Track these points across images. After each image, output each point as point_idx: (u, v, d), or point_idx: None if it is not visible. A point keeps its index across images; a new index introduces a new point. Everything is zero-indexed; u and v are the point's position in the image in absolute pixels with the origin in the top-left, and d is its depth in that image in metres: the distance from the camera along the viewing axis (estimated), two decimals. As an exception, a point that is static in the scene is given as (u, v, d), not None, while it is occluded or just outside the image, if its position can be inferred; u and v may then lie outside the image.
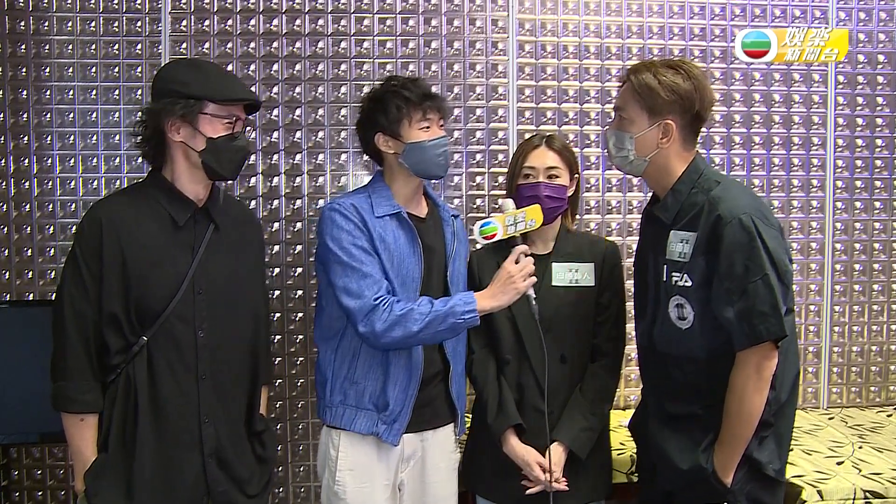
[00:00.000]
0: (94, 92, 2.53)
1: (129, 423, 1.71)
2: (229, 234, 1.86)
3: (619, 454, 2.21)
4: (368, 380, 1.92)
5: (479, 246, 2.05)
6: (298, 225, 2.59)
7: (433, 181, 2.20)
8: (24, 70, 2.52)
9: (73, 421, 1.72)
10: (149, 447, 1.71)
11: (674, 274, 1.75)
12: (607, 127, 1.87)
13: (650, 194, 1.94)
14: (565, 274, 2.06)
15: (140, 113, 1.80)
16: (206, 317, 1.77)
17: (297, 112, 2.58)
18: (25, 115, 2.52)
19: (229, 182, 2.52)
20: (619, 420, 2.40)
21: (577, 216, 2.22)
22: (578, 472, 1.99)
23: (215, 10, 2.55)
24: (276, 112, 2.57)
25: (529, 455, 1.97)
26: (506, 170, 2.60)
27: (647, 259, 1.87)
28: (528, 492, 1.97)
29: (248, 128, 1.83)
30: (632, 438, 2.06)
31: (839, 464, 2.18)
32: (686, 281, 1.73)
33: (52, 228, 2.53)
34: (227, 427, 1.81)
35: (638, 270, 1.96)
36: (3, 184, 2.52)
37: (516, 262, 1.86)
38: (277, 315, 2.57)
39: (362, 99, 2.04)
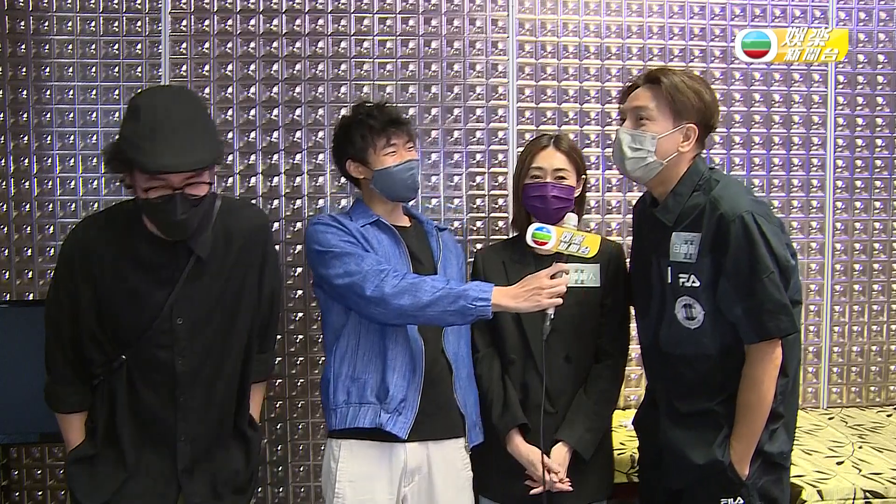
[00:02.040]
0: (94, 92, 2.53)
1: (111, 427, 1.76)
2: (219, 257, 1.78)
3: (619, 454, 2.21)
4: (369, 373, 1.92)
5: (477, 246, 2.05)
6: (298, 225, 2.58)
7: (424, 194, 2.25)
8: (24, 70, 2.51)
9: (63, 415, 1.81)
10: (129, 453, 1.75)
11: (680, 275, 1.77)
12: (619, 128, 1.84)
13: (641, 195, 1.94)
14: (571, 275, 2.05)
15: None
16: (185, 346, 1.74)
17: (297, 112, 2.58)
18: (25, 115, 2.52)
19: (231, 182, 2.55)
20: (620, 420, 2.40)
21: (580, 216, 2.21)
22: (581, 473, 1.98)
23: (215, 10, 2.55)
24: (276, 112, 2.57)
25: (534, 455, 1.96)
26: (506, 170, 2.61)
27: (649, 259, 1.87)
28: (532, 492, 1.97)
29: (214, 178, 1.67)
30: (635, 435, 2.06)
31: (839, 464, 2.18)
32: (694, 282, 1.75)
33: (52, 228, 2.53)
34: (206, 439, 1.80)
35: (638, 270, 1.96)
36: (3, 184, 2.52)
37: (552, 277, 1.82)
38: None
39: (335, 126, 2.09)
